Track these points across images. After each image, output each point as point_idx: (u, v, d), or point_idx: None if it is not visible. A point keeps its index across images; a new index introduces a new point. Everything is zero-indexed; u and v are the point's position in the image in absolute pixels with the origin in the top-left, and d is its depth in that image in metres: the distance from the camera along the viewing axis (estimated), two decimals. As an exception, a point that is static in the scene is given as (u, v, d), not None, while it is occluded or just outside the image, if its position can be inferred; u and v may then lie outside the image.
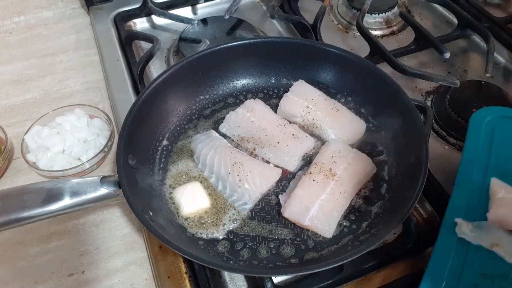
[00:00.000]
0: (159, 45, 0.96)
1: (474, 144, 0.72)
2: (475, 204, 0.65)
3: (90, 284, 0.69)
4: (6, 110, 0.97)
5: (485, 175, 0.68)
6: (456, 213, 0.63)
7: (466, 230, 0.61)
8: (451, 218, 0.62)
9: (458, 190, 0.66)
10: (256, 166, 0.75)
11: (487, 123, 0.75)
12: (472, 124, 0.75)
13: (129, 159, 0.69)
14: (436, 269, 0.58)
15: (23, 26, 1.19)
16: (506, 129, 0.74)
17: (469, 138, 0.73)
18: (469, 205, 0.65)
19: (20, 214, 0.59)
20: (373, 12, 1.13)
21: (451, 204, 0.65)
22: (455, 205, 0.65)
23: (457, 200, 0.65)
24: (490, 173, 0.68)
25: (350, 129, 0.81)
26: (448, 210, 0.64)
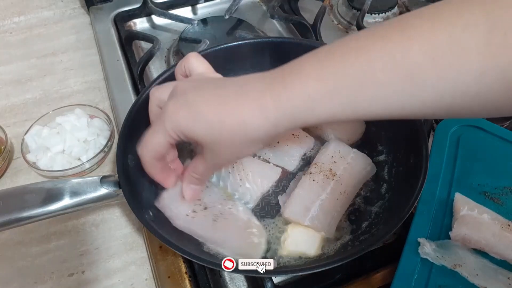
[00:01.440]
0: (159, 45, 0.96)
1: (438, 156, 0.70)
2: (440, 221, 0.64)
3: (90, 284, 0.69)
4: (6, 110, 0.97)
5: (450, 190, 0.67)
6: (419, 231, 0.62)
7: (428, 249, 0.59)
8: (415, 236, 0.61)
9: (422, 206, 0.65)
10: (256, 166, 0.75)
11: (452, 133, 0.73)
12: (437, 135, 0.74)
13: (129, 159, 0.69)
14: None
15: (23, 26, 1.19)
16: (471, 139, 0.73)
17: (434, 151, 0.71)
18: (433, 222, 0.63)
19: (20, 214, 0.59)
20: (373, 12, 1.13)
21: (414, 222, 0.63)
22: (418, 223, 0.63)
23: (420, 217, 0.64)
24: (454, 188, 0.67)
25: (350, 129, 0.81)
26: (412, 228, 0.63)
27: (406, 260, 0.60)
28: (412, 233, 0.62)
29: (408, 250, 0.60)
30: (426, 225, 0.63)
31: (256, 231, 0.65)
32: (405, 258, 0.60)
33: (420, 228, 0.63)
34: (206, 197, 0.68)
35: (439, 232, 0.63)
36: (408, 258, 0.60)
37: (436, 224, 0.64)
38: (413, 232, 0.62)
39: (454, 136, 0.73)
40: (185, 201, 0.66)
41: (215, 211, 0.66)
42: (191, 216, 0.65)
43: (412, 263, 0.59)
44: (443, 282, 0.57)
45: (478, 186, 0.68)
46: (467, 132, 0.74)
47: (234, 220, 0.66)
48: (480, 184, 0.68)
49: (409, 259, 0.59)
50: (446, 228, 0.63)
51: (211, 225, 0.65)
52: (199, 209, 0.66)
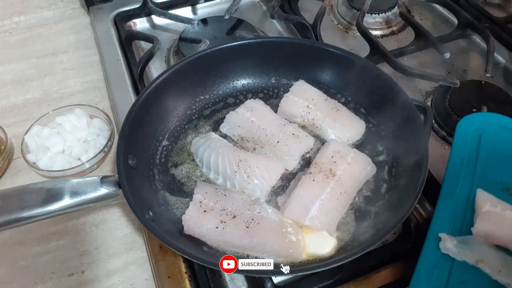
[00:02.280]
0: (159, 45, 0.96)
1: (460, 153, 0.70)
2: (461, 217, 0.63)
3: (90, 284, 0.69)
4: (6, 110, 0.97)
5: (471, 186, 0.66)
6: (440, 227, 0.61)
7: (450, 245, 0.58)
8: (435, 232, 0.60)
9: (443, 202, 0.64)
10: (261, 161, 0.75)
11: (474, 130, 0.73)
12: (458, 131, 0.73)
13: (129, 159, 0.69)
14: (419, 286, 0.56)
15: (23, 26, 1.19)
16: (493, 136, 0.72)
17: (455, 147, 0.70)
18: (454, 218, 0.63)
19: (20, 214, 0.59)
20: (373, 12, 1.13)
21: (435, 217, 0.62)
22: (439, 219, 0.62)
23: (441, 213, 0.63)
24: (476, 184, 0.66)
25: (350, 129, 0.81)
26: (432, 224, 0.62)
27: (426, 255, 0.59)
28: (433, 229, 0.61)
29: (429, 246, 0.59)
30: (447, 221, 0.62)
31: (292, 229, 0.66)
32: (425, 253, 0.59)
33: (441, 223, 0.62)
34: (229, 205, 0.67)
35: (460, 228, 0.62)
36: (429, 253, 0.59)
37: (457, 220, 0.62)
38: (433, 227, 0.61)
39: (476, 132, 0.72)
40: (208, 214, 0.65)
41: (245, 218, 0.66)
42: (222, 227, 0.64)
43: (432, 259, 0.58)
44: (465, 278, 0.56)
45: (501, 183, 0.67)
46: (489, 129, 0.72)
47: (267, 224, 0.66)
48: (502, 181, 0.67)
49: (430, 255, 0.58)
50: (467, 224, 0.62)
51: (245, 233, 0.64)
52: (227, 218, 0.66)
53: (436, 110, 0.90)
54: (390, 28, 1.15)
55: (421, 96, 0.96)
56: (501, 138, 0.72)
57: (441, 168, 0.79)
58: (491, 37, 0.98)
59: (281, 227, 0.65)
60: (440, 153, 0.85)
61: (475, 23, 1.03)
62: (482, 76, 0.97)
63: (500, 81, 0.99)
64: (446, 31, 1.08)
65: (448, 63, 1.04)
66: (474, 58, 1.06)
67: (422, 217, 0.73)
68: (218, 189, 0.70)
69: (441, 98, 0.92)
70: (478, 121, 0.74)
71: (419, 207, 0.74)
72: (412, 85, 0.98)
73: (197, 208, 0.67)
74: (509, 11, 1.17)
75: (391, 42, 1.10)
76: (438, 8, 1.20)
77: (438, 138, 0.87)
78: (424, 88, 0.98)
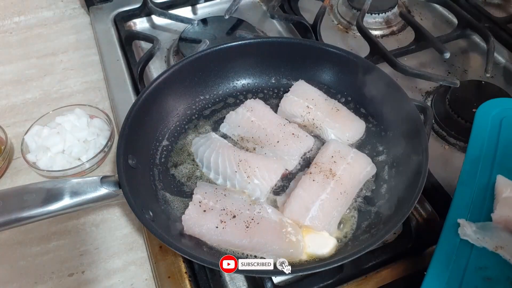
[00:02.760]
0: (159, 45, 0.96)
1: (479, 139, 0.68)
2: (480, 204, 0.62)
3: (90, 284, 0.69)
4: (6, 110, 0.97)
5: (491, 172, 0.65)
6: (459, 213, 0.60)
7: (469, 231, 0.58)
8: (454, 218, 0.59)
9: (461, 188, 0.63)
10: (261, 161, 0.75)
11: (494, 116, 0.71)
12: (478, 117, 0.71)
13: (129, 159, 0.69)
14: (437, 272, 0.56)
15: (23, 26, 1.19)
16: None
17: (474, 133, 0.69)
18: (473, 205, 0.62)
19: (20, 214, 0.59)
20: (373, 12, 1.13)
21: (454, 203, 0.62)
22: (458, 205, 0.61)
23: (460, 199, 0.62)
24: (496, 170, 0.65)
25: (350, 129, 0.81)
26: (451, 210, 0.61)
27: (445, 241, 0.58)
28: (452, 215, 0.60)
29: (447, 231, 0.59)
30: (466, 207, 0.61)
31: (292, 229, 0.66)
32: (443, 239, 0.58)
33: (459, 209, 0.61)
34: (229, 205, 0.67)
35: (479, 214, 0.61)
36: (447, 239, 0.58)
37: (476, 206, 0.61)
38: (452, 213, 0.60)
39: (496, 118, 0.71)
40: (208, 213, 0.65)
41: (245, 218, 0.66)
42: (222, 227, 0.65)
43: (451, 245, 0.57)
44: (484, 264, 0.56)
45: None
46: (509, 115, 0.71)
47: (267, 223, 0.66)
48: None
49: (448, 241, 0.58)
50: (487, 210, 0.61)
51: (245, 232, 0.64)
52: (227, 218, 0.66)
53: (436, 110, 0.90)
54: (390, 28, 1.15)
55: (421, 96, 0.96)
56: None
57: (441, 168, 0.79)
58: (491, 37, 0.98)
59: (281, 227, 0.65)
60: (440, 153, 0.85)
61: (475, 23, 1.03)
62: (482, 76, 0.97)
63: (500, 81, 0.99)
64: (446, 31, 1.08)
65: (448, 63, 1.04)
66: (474, 58, 1.06)
67: (422, 217, 0.73)
68: (218, 189, 0.70)
69: (441, 98, 0.92)
70: (498, 106, 0.72)
71: (419, 207, 0.74)
72: (412, 85, 0.98)
73: (196, 208, 0.67)
74: (509, 11, 1.17)
75: (391, 42, 1.10)
76: (438, 8, 1.20)
77: (438, 138, 0.87)
78: (424, 88, 0.98)
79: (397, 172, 0.74)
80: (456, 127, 0.86)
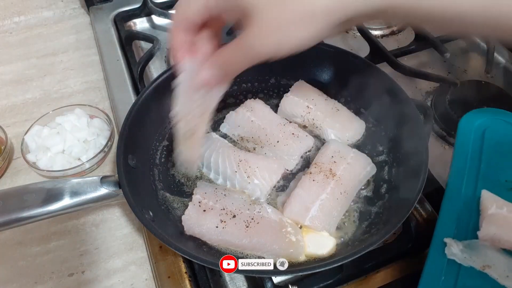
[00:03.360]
0: (159, 45, 0.96)
1: (463, 151, 0.67)
2: (466, 220, 0.61)
3: (90, 284, 0.69)
4: (6, 110, 0.97)
5: (476, 186, 0.64)
6: (445, 231, 0.59)
7: (456, 250, 0.56)
8: (441, 237, 0.58)
9: (447, 204, 0.62)
10: (261, 161, 0.75)
11: (477, 127, 0.70)
12: (460, 129, 0.70)
13: (129, 159, 0.69)
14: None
15: (23, 26, 1.19)
16: (497, 132, 0.69)
17: (458, 146, 0.67)
18: (460, 221, 0.60)
19: (20, 214, 0.59)
20: (373, 12, 1.13)
21: (440, 221, 0.60)
22: (444, 222, 0.60)
23: (446, 216, 0.61)
24: (480, 184, 0.64)
25: (350, 129, 0.81)
26: (437, 227, 0.60)
27: (432, 261, 0.57)
28: (438, 233, 0.59)
29: (434, 250, 0.57)
30: (452, 224, 0.60)
31: (291, 229, 0.66)
32: (431, 259, 0.57)
33: (446, 227, 0.59)
34: (229, 205, 0.67)
35: (466, 231, 0.59)
36: (435, 259, 0.57)
37: (462, 223, 0.60)
38: (438, 231, 0.59)
39: (479, 129, 0.70)
40: (208, 213, 0.66)
41: (245, 217, 0.66)
42: (222, 227, 0.65)
43: (439, 264, 0.56)
44: (472, 284, 0.55)
45: (506, 182, 0.64)
46: (492, 125, 0.70)
47: (267, 223, 0.66)
48: (508, 180, 0.65)
49: (436, 260, 0.57)
50: (473, 226, 0.60)
51: (245, 232, 0.64)
52: (227, 218, 0.66)
53: (436, 110, 0.90)
54: (390, 28, 1.15)
55: (421, 96, 0.96)
56: (505, 134, 0.70)
57: (441, 168, 0.79)
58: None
59: (281, 227, 0.65)
60: (440, 153, 0.85)
61: (475, 23, 1.03)
62: (482, 76, 0.97)
63: (500, 81, 0.99)
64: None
65: (448, 63, 1.04)
66: (474, 58, 1.06)
67: (422, 217, 0.73)
68: (218, 189, 0.70)
69: (441, 98, 0.92)
70: (480, 117, 0.71)
71: (419, 207, 0.74)
72: (412, 85, 0.98)
73: (196, 208, 0.67)
74: (509, 11, 1.17)
75: (391, 42, 1.10)
76: (438, 8, 1.20)
77: (438, 138, 0.87)
78: (424, 88, 0.98)
79: (397, 172, 0.74)
80: (456, 127, 0.85)
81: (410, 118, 0.73)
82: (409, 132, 0.73)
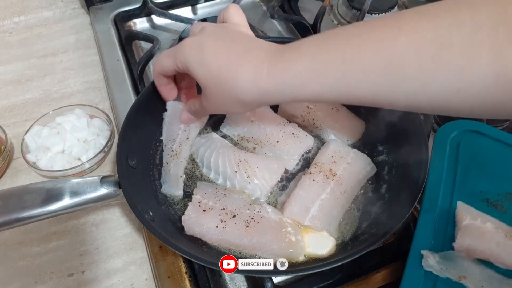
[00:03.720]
0: (159, 45, 0.96)
1: (439, 163, 0.68)
2: (443, 231, 0.62)
3: (90, 284, 0.70)
4: (6, 110, 0.97)
5: (452, 198, 0.65)
6: (422, 243, 0.60)
7: (432, 262, 0.57)
8: (418, 249, 0.59)
9: (424, 216, 0.63)
10: (261, 161, 0.75)
11: (452, 139, 0.72)
12: (436, 141, 0.72)
13: (129, 159, 0.69)
14: None
15: (23, 26, 1.19)
16: (471, 144, 0.71)
17: (434, 158, 0.69)
18: (436, 233, 0.61)
19: (20, 214, 0.59)
20: (373, 12, 1.13)
21: (417, 233, 0.61)
22: (421, 234, 0.61)
23: (423, 228, 0.62)
24: (456, 195, 0.65)
25: (350, 129, 0.82)
26: (415, 240, 0.61)
27: (410, 273, 0.58)
28: (415, 245, 0.60)
29: (412, 263, 0.59)
30: (429, 236, 0.61)
31: (291, 229, 0.65)
32: (409, 271, 0.58)
33: (423, 239, 0.61)
34: (229, 204, 0.67)
35: (442, 242, 0.61)
36: (412, 271, 0.58)
37: (439, 234, 0.62)
38: (416, 243, 0.60)
39: (454, 141, 0.72)
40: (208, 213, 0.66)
41: (245, 217, 0.66)
42: (222, 226, 0.65)
43: (416, 276, 0.57)
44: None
45: (480, 193, 0.66)
46: (467, 137, 0.72)
47: (267, 223, 0.66)
48: (482, 191, 0.66)
49: (413, 272, 0.58)
50: (449, 238, 0.61)
51: (245, 232, 0.64)
52: (227, 217, 0.66)
53: (436, 110, 0.90)
54: (390, 28, 1.15)
55: (421, 96, 0.96)
56: (478, 146, 0.72)
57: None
58: (491, 37, 0.98)
59: (281, 227, 0.65)
60: (440, 153, 0.85)
61: (475, 23, 1.03)
62: (482, 76, 0.97)
63: (500, 81, 0.99)
64: (446, 31, 1.08)
65: (448, 63, 1.03)
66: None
67: (422, 217, 0.73)
68: (218, 189, 0.70)
69: (441, 98, 0.91)
70: (455, 129, 0.73)
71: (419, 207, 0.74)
72: (412, 85, 0.98)
73: (196, 208, 0.67)
74: (509, 11, 1.17)
75: (391, 42, 1.10)
76: (438, 8, 1.20)
77: (438, 138, 0.87)
78: (424, 88, 0.98)
79: (397, 172, 0.74)
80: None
81: (410, 118, 0.73)
82: (409, 132, 0.73)
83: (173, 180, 0.74)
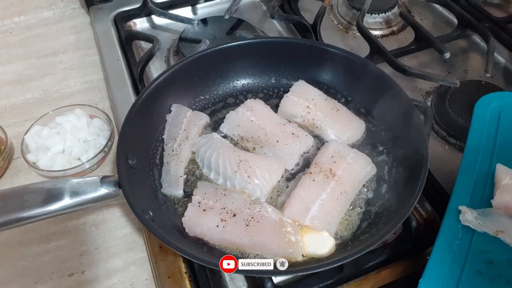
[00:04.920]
0: (159, 45, 0.96)
1: (479, 130, 0.71)
2: (480, 191, 0.65)
3: (90, 284, 0.69)
4: (6, 110, 0.97)
5: (491, 162, 0.67)
6: (460, 200, 0.63)
7: (470, 217, 0.60)
8: (455, 205, 0.62)
9: (462, 177, 0.66)
10: (261, 161, 0.75)
11: (493, 108, 0.74)
12: (477, 109, 0.74)
13: (129, 159, 0.69)
14: (440, 257, 0.58)
15: (23, 26, 1.19)
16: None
17: (474, 124, 0.72)
18: (474, 193, 0.64)
19: (20, 214, 0.59)
20: (373, 12, 1.13)
21: (455, 191, 0.64)
22: (459, 193, 0.64)
23: (461, 188, 0.65)
24: (495, 160, 0.68)
25: (350, 129, 0.81)
26: (452, 197, 0.63)
27: (447, 227, 0.60)
28: (453, 202, 0.63)
29: (449, 218, 0.61)
30: (466, 195, 0.64)
31: (291, 229, 0.66)
32: (445, 225, 0.61)
33: (460, 197, 0.63)
34: (229, 204, 0.67)
35: (479, 201, 0.63)
36: (449, 225, 0.60)
37: (476, 194, 0.64)
38: (453, 201, 0.63)
39: (496, 111, 0.74)
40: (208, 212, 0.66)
41: (245, 216, 0.66)
42: (222, 226, 0.65)
43: (453, 230, 0.60)
44: (485, 248, 0.58)
45: None
46: (508, 108, 0.74)
47: (267, 222, 0.66)
48: None
49: (450, 226, 0.60)
50: (487, 197, 0.64)
51: (245, 231, 0.64)
52: (228, 217, 0.66)
53: (436, 110, 0.90)
54: (390, 28, 1.15)
55: (421, 96, 0.96)
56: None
57: (441, 168, 0.79)
58: (491, 37, 0.98)
59: (281, 226, 0.65)
60: (440, 153, 0.85)
61: (475, 23, 1.03)
62: (482, 76, 0.97)
63: (500, 81, 0.99)
64: (446, 31, 1.08)
65: (448, 63, 1.03)
66: (474, 58, 1.06)
67: (422, 217, 0.73)
68: (218, 189, 0.70)
69: (441, 98, 0.92)
70: (497, 100, 0.76)
71: (419, 207, 0.74)
72: (412, 85, 0.98)
73: (195, 208, 0.67)
74: (509, 11, 1.17)
75: (391, 42, 1.10)
76: (438, 8, 1.20)
77: (438, 138, 0.87)
78: (424, 88, 0.98)
79: (397, 172, 0.74)
80: (456, 127, 0.86)
81: (410, 118, 0.73)
82: (409, 132, 0.73)
83: (173, 179, 0.74)
